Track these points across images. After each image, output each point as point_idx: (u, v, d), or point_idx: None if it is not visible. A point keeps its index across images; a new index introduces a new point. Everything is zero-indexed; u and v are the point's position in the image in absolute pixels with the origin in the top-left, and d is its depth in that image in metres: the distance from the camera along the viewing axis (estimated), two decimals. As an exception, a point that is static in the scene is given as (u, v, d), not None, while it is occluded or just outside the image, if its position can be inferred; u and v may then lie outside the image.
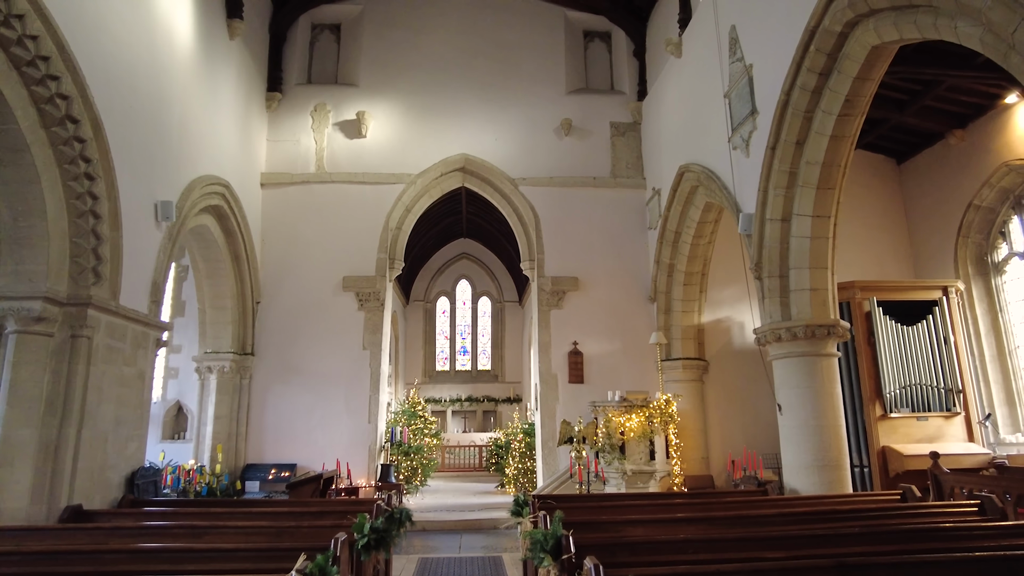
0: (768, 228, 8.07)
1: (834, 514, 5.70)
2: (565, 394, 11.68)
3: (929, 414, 9.97)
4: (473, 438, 20.73)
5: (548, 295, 12.04)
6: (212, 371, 11.26)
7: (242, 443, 11.29)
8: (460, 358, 24.47)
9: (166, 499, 7.60)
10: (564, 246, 12.28)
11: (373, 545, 5.10)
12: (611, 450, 9.82)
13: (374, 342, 11.78)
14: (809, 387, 7.68)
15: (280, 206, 12.36)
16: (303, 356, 11.71)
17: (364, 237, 12.19)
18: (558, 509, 6.19)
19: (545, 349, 11.86)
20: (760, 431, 11.40)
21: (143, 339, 7.82)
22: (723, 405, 11.65)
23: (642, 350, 11.92)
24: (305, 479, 7.91)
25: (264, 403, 11.52)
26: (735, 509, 6.36)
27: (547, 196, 12.47)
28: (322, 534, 5.23)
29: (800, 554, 4.42)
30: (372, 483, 11.14)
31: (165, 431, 11.68)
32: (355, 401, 11.52)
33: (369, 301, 11.93)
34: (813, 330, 7.69)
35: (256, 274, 11.86)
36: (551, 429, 11.52)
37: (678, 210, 11.12)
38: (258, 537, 5.25)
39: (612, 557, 4.43)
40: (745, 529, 5.43)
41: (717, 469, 11.35)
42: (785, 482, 7.76)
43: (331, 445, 11.19)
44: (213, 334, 11.40)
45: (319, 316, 11.89)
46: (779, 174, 7.88)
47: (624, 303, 12.15)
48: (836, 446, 7.55)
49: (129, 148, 7.50)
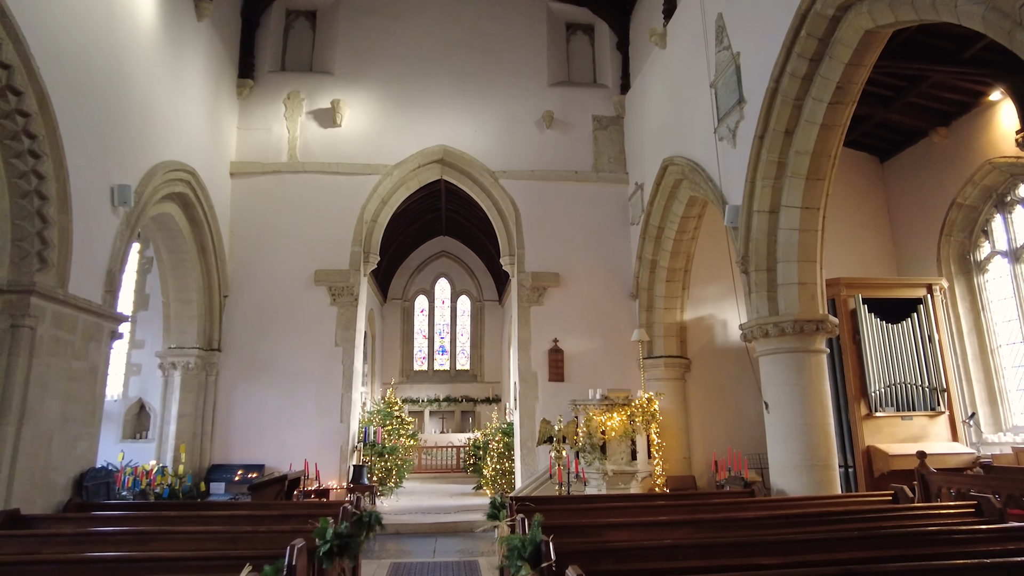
0: (755, 220, 7.78)
1: (827, 516, 5.39)
2: (545, 393, 11.31)
3: (914, 413, 9.78)
4: (451, 439, 20.28)
5: (528, 291, 11.67)
6: (176, 367, 10.70)
7: (207, 443, 10.73)
8: (439, 358, 24.00)
9: (119, 502, 7.07)
10: (545, 241, 11.92)
11: (337, 552, 4.67)
12: (592, 450, 9.48)
13: (347, 339, 11.30)
14: (797, 384, 7.40)
15: (250, 196, 11.83)
16: (272, 352, 11.19)
17: (338, 230, 11.71)
18: (537, 512, 5.81)
19: (525, 346, 11.48)
20: (743, 431, 11.16)
21: (96, 331, 7.29)
22: (705, 404, 11.37)
23: (624, 348, 11.60)
24: (269, 480, 7.42)
25: (231, 401, 10.98)
26: (723, 511, 6.03)
27: (528, 190, 12.10)
28: (281, 540, 4.78)
29: (797, 559, 4.09)
30: (344, 485, 10.66)
31: (126, 430, 11.07)
32: (327, 400, 11.03)
33: (342, 296, 11.44)
34: (801, 325, 7.42)
35: (224, 267, 11.31)
36: (530, 429, 11.15)
37: (661, 204, 10.83)
38: (210, 544, 4.78)
39: (595, 564, 4.06)
40: (735, 533, 5.10)
41: (699, 469, 11.06)
42: (772, 483, 7.47)
43: (301, 445, 10.68)
44: (178, 329, 10.84)
45: (290, 311, 11.37)
46: (767, 164, 7.61)
47: (606, 300, 11.82)
48: (825, 445, 7.27)
49: (81, 126, 6.97)
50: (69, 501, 6.47)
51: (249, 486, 7.39)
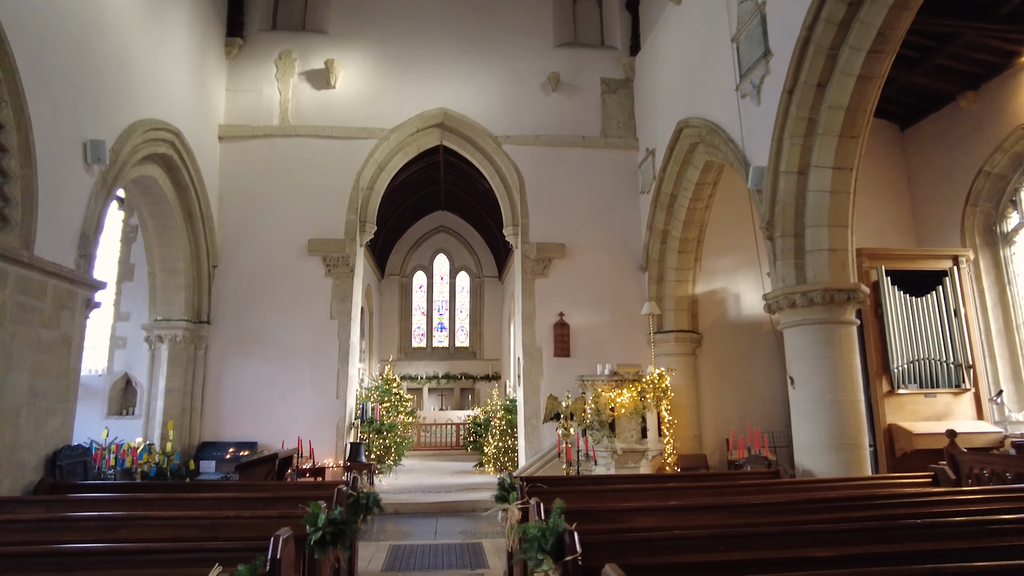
0: (782, 182, 7.17)
1: (868, 500, 4.87)
2: (550, 368, 10.77)
3: (937, 390, 9.27)
4: (450, 416, 19.82)
5: (533, 263, 11.06)
6: (163, 340, 10.10)
7: (197, 419, 10.18)
8: (437, 334, 23.47)
9: (96, 483, 6.52)
10: (550, 210, 11.29)
11: (330, 540, 4.12)
12: (600, 427, 8.98)
13: (343, 311, 10.70)
14: (826, 358, 6.85)
15: (240, 161, 11.14)
16: (265, 325, 10.60)
17: (332, 197, 11.05)
18: (556, 496, 5.28)
19: (529, 320, 10.91)
20: (755, 408, 10.69)
21: (68, 298, 6.67)
22: (717, 381, 10.86)
23: (632, 322, 11.05)
24: (258, 459, 6.88)
25: (221, 376, 10.41)
26: (751, 494, 5.51)
27: (532, 156, 11.43)
28: (267, 527, 4.23)
29: (853, 552, 3.55)
30: (340, 463, 10.14)
31: (111, 406, 10.50)
32: (322, 375, 10.47)
33: (337, 267, 10.82)
34: (832, 295, 6.85)
35: (212, 235, 10.67)
36: (535, 405, 10.62)
37: (675, 171, 10.19)
38: (188, 531, 4.24)
39: (625, 557, 3.51)
40: (771, 519, 4.57)
41: (710, 448, 10.58)
42: (797, 463, 6.96)
43: (295, 422, 10.14)
44: (164, 300, 10.22)
45: (283, 282, 10.76)
46: (796, 121, 6.98)
47: (614, 272, 11.23)
48: (855, 423, 6.75)
49: (46, 73, 6.28)
50: (40, 482, 5.92)
51: (236, 465, 6.85)
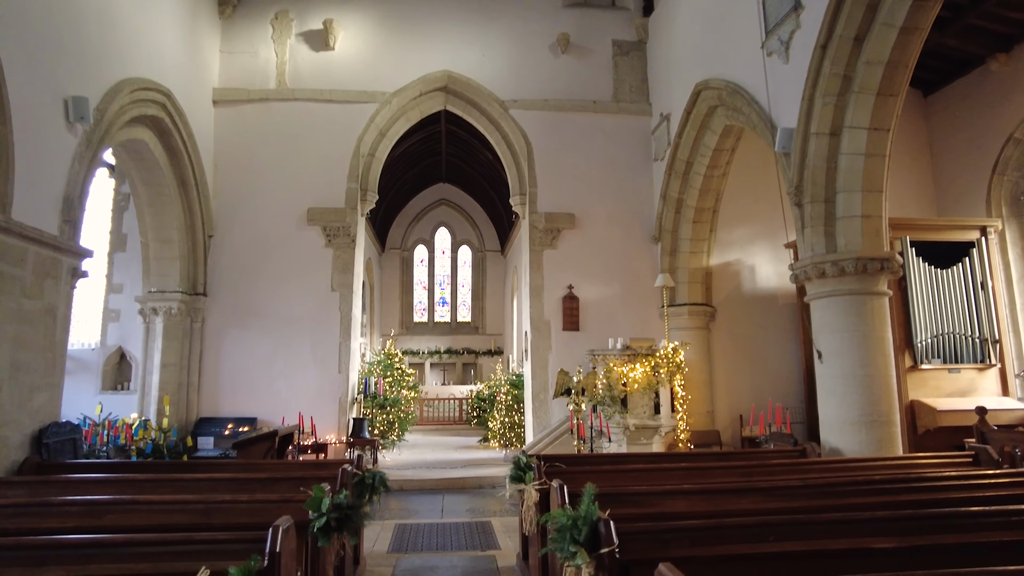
0: (813, 145, 6.68)
1: (915, 483, 4.50)
2: (559, 343, 10.37)
3: (961, 366, 8.90)
4: (452, 391, 19.51)
5: (541, 233, 10.59)
6: (158, 313, 9.67)
7: (194, 394, 9.80)
8: (439, 309, 23.06)
9: (85, 462, 6.14)
10: (559, 179, 10.79)
11: (335, 527, 3.74)
12: (612, 403, 8.60)
13: (344, 283, 10.26)
14: (857, 330, 6.44)
15: (235, 126, 10.59)
16: (263, 298, 10.16)
17: (332, 164, 10.53)
18: (576, 477, 4.90)
19: (537, 293, 10.48)
20: (769, 383, 10.33)
21: (52, 267, 6.22)
22: (730, 355, 10.47)
23: (644, 295, 10.63)
24: (257, 436, 6.51)
25: (219, 350, 10.00)
26: (783, 474, 5.14)
27: (541, 121, 10.89)
28: (265, 512, 3.86)
29: (917, 543, 3.17)
30: (343, 439, 9.80)
31: (105, 381, 10.12)
32: (323, 349, 10.06)
33: (338, 237, 10.35)
34: (864, 264, 6.41)
35: (207, 203, 10.17)
36: (543, 380, 10.25)
37: (691, 136, 9.67)
38: (179, 516, 3.85)
39: (665, 549, 3.14)
40: (812, 501, 4.20)
41: (723, 424, 10.24)
42: (823, 440, 6.59)
43: (296, 397, 9.77)
44: (158, 271, 9.77)
45: (281, 253, 10.30)
46: (830, 79, 6.46)
47: (625, 243, 10.77)
48: (887, 399, 6.37)
49: (20, 24, 5.76)
50: (24, 461, 5.54)
51: (234, 443, 6.47)
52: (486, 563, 6.01)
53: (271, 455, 6.46)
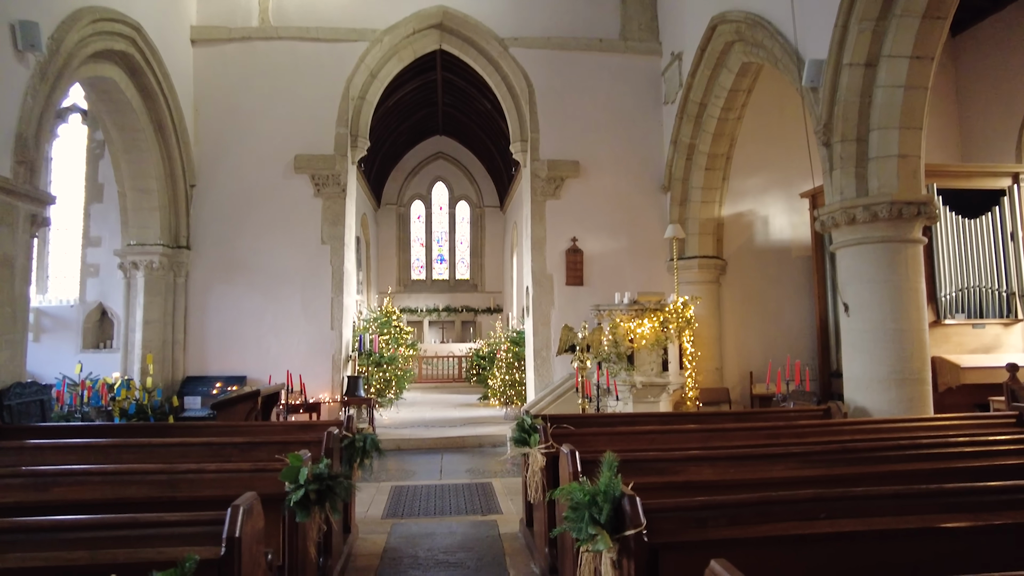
0: (845, 77, 6.00)
1: (968, 447, 4.00)
2: (561, 298, 9.83)
3: (986, 321, 8.40)
4: (451, 349, 19.11)
5: (543, 183, 9.92)
6: (139, 267, 9.08)
7: (180, 352, 9.30)
8: (437, 267, 22.46)
9: (50, 425, 5.64)
10: (563, 124, 10.05)
11: (315, 500, 3.24)
12: (618, 360, 8.12)
13: (335, 235, 9.64)
14: (888, 281, 5.89)
15: (216, 68, 9.79)
16: (250, 251, 9.56)
17: (320, 108, 9.77)
18: (584, 439, 4.41)
19: (539, 246, 9.88)
20: (781, 339, 9.86)
21: (7, 213, 5.60)
22: (740, 310, 9.95)
23: (651, 248, 10.04)
24: (237, 396, 5.99)
25: (205, 305, 9.45)
26: (813, 436, 4.66)
27: (543, 61, 10.08)
28: (236, 484, 3.35)
29: (996, 522, 2.67)
30: (337, 397, 9.34)
31: (86, 339, 9.61)
32: (315, 304, 9.51)
33: (327, 186, 9.68)
34: (900, 208, 5.81)
35: (188, 150, 9.46)
36: (545, 337, 9.75)
37: (705, 75, 8.92)
38: (138, 488, 3.35)
39: (701, 529, 2.65)
40: (854, 468, 3.72)
41: (732, 381, 9.80)
42: (848, 399, 6.11)
43: (287, 355, 9.27)
44: (137, 223, 9.14)
45: (268, 203, 9.64)
46: (868, 1, 5.73)
47: (632, 193, 10.12)
48: (919, 356, 5.86)
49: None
50: (-17, 423, 5.03)
51: (212, 403, 5.98)
52: (487, 529, 5.59)
53: (254, 416, 5.98)
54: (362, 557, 4.87)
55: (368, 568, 4.63)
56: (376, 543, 5.20)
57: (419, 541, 5.25)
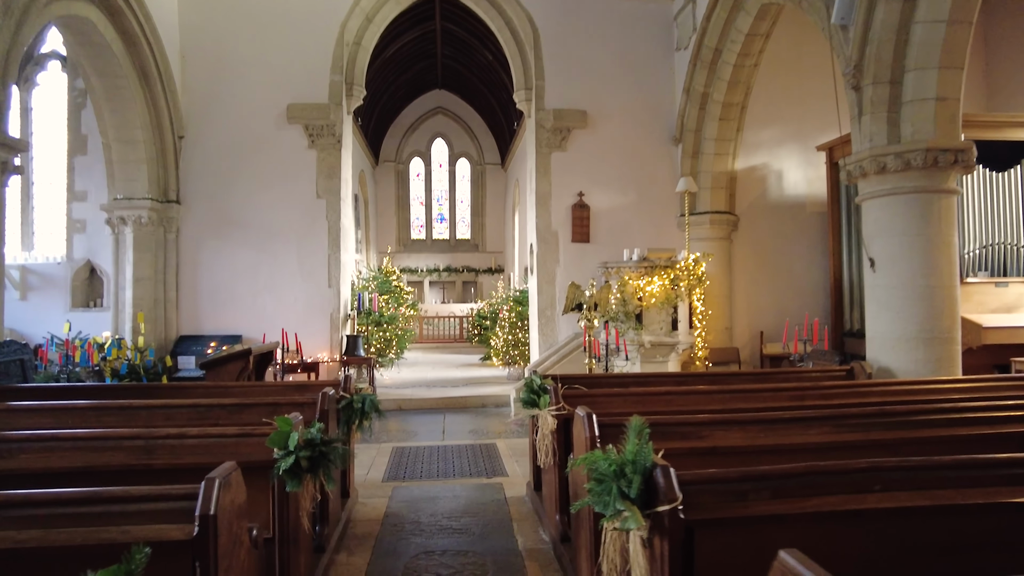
0: (879, 13, 5.47)
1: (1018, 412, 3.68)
2: (567, 255, 9.44)
3: (1009, 279, 8.01)
4: (452, 309, 18.82)
5: (549, 134, 9.41)
6: (127, 223, 8.68)
7: (172, 311, 8.96)
8: (437, 226, 22.00)
9: (28, 386, 5.33)
10: (570, 71, 9.48)
11: (307, 467, 2.93)
12: (626, 319, 7.79)
13: (330, 189, 9.19)
14: (921, 234, 5.49)
15: (203, 12, 9.18)
16: (243, 205, 9.13)
17: (313, 54, 9.20)
18: (597, 401, 4.09)
19: (544, 201, 9.43)
20: (792, 298, 9.51)
21: (-26, 159, 5.17)
22: (752, 268, 9.58)
23: (660, 203, 9.61)
24: (227, 355, 5.67)
25: (197, 262, 9.07)
26: (843, 398, 4.36)
27: (549, 4, 9.45)
28: (220, 450, 3.04)
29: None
30: (336, 357, 9.05)
31: (75, 297, 9.27)
32: (311, 261, 9.13)
33: (322, 137, 9.18)
34: (936, 156, 5.37)
35: (175, 99, 8.93)
36: (549, 296, 9.40)
37: (722, 17, 8.34)
38: (113, 455, 3.04)
39: (742, 504, 2.35)
40: (893, 433, 3.40)
41: (742, 341, 9.49)
42: (871, 359, 5.79)
43: (283, 313, 8.93)
44: (123, 176, 8.69)
45: (260, 155, 9.16)
46: (909, -74, 5.18)
47: (642, 145, 9.62)
48: (949, 313, 5.51)
49: None
50: (-45, 384, 4.72)
51: (200, 363, 5.67)
52: (492, 492, 5.34)
53: (246, 376, 5.67)
54: (361, 523, 4.62)
55: (368, 535, 4.37)
56: (376, 508, 4.94)
57: (422, 505, 4.99)
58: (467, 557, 4.01)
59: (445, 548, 4.15)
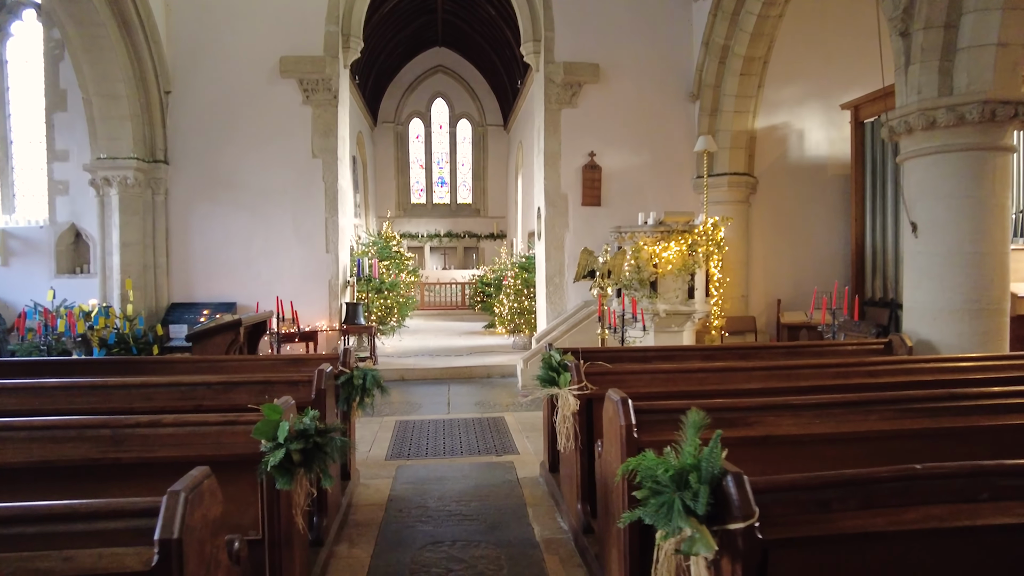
0: (937, -54, 4.87)
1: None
2: (577, 219, 8.92)
3: (1048, 245, 7.56)
4: (454, 275, 18.37)
5: (559, 89, 8.79)
6: (111, 184, 8.14)
7: (163, 277, 8.49)
8: (438, 190, 21.39)
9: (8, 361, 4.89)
10: (581, 21, 8.81)
11: (301, 461, 2.50)
12: (640, 287, 7.34)
13: (327, 148, 8.62)
14: (970, 196, 5.00)
15: (184, -47, 8.46)
16: (235, 166, 8.57)
17: (307, 3, 8.51)
18: (623, 380, 3.67)
19: (553, 161, 8.87)
20: (811, 265, 9.08)
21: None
22: (770, 233, 9.09)
23: (676, 164, 9.06)
24: (215, 326, 5.19)
25: (187, 226, 8.56)
26: (889, 376, 3.94)
27: (559, -52, 8.74)
28: (199, 441, 2.62)
29: None
30: (335, 325, 8.62)
31: (60, 263, 8.78)
32: (307, 225, 8.62)
33: (317, 92, 8.57)
34: (993, 109, 4.83)
35: (159, 51, 8.29)
36: (558, 262, 8.92)
37: (748, -39, 7.67)
38: (73, 447, 2.61)
39: (827, 518, 1.93)
40: (969, 420, 2.98)
41: (758, 309, 9.07)
42: (908, 331, 5.35)
43: (279, 279, 8.47)
44: (107, 134, 8.11)
45: (252, 112, 8.56)
46: None
47: (657, 102, 9.02)
48: (1000, 283, 5.06)
49: None
50: (-82, 357, 4.27)
51: (187, 335, 5.23)
52: (503, 473, 4.96)
53: (237, 349, 5.23)
54: (363, 508, 4.24)
55: (371, 523, 3.99)
56: (379, 490, 4.57)
57: (428, 487, 4.62)
58: (479, 548, 3.64)
59: (455, 538, 3.78)
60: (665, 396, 3.49)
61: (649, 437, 2.63)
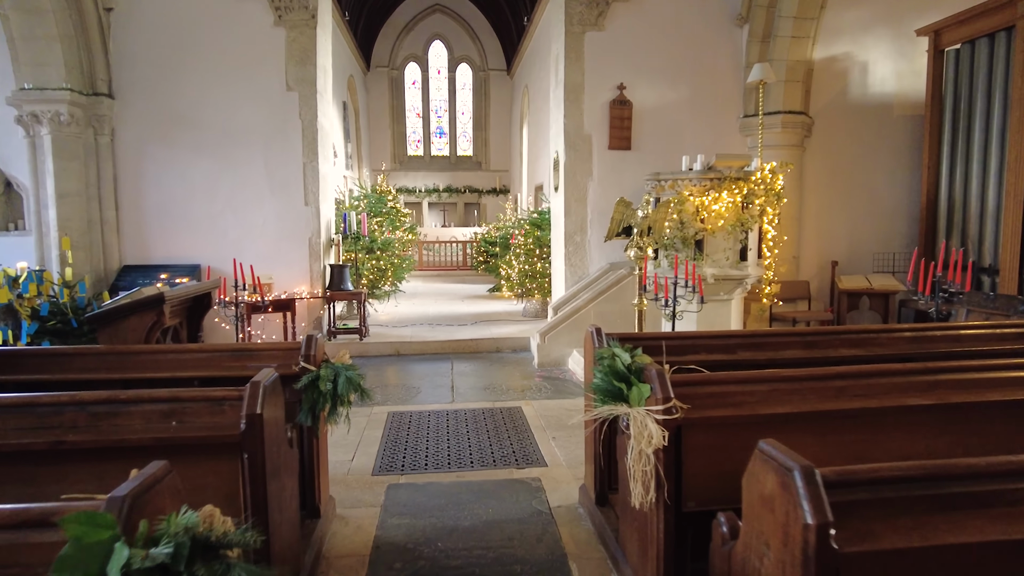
0: None
1: None
2: (602, 166, 7.42)
3: None
4: (454, 233, 16.89)
5: (583, 7, 7.15)
6: (41, 121, 6.58)
7: (112, 235, 7.02)
8: (436, 141, 19.65)
9: None
10: (609, -77, 7.12)
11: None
12: (684, 246, 5.93)
13: (304, 79, 7.03)
14: None
15: None
16: (195, 101, 7.00)
17: None
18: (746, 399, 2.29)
19: (575, 95, 7.30)
20: (870, 222, 7.69)
21: None
22: (825, 183, 7.63)
23: (720, 101, 7.51)
24: (129, 304, 3.72)
25: (140, 173, 7.05)
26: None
27: None
28: None
29: None
30: (317, 292, 7.22)
31: (-10, 217, 7.27)
32: (283, 172, 7.11)
33: (292, 11, 6.92)
34: None
35: (93, -45, 6.61)
36: (579, 217, 7.46)
37: None
38: None
39: None
40: None
41: (809, 272, 7.69)
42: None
43: (249, 237, 7.02)
44: (31, 59, 6.51)
45: (215, 36, 6.94)
46: None
47: (698, 25, 7.40)
48: None
49: None
50: None
51: (88, 317, 3.81)
52: (528, 497, 3.65)
53: (164, 333, 3.82)
54: (338, 564, 2.92)
55: (345, 599, 2.68)
56: (361, 529, 3.24)
57: (428, 524, 3.30)
58: (509, 649, 2.33)
59: (471, 626, 2.47)
60: (801, 419, 2.13)
61: (851, 539, 1.26)
